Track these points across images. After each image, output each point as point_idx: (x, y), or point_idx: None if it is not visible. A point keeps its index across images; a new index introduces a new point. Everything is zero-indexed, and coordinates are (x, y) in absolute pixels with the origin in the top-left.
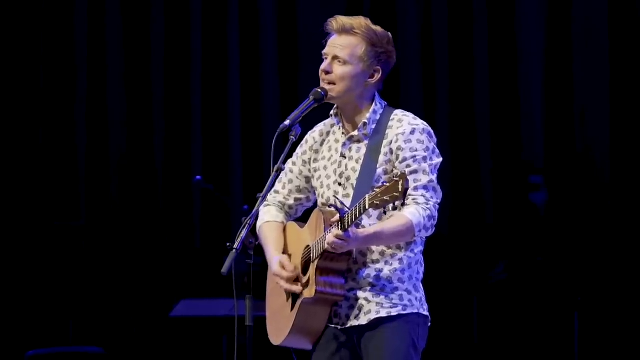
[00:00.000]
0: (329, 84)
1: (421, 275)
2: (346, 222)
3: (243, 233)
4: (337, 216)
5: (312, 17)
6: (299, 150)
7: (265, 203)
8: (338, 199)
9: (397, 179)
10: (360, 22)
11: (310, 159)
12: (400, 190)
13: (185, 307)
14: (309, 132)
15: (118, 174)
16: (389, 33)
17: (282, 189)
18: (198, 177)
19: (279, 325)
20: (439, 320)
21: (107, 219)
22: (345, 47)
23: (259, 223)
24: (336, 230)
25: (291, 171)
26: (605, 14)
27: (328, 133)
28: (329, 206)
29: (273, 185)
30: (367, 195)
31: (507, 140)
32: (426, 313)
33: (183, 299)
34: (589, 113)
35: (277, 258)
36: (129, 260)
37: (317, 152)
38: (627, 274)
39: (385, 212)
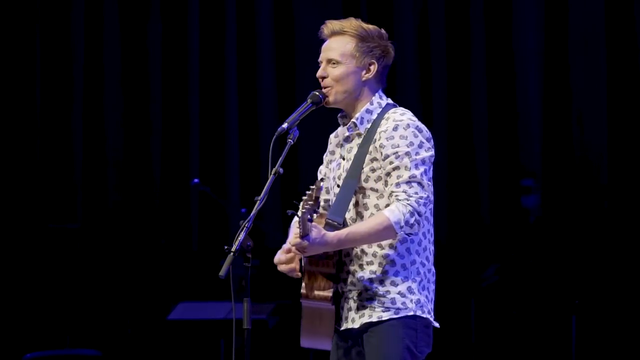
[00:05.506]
0: (327, 88)
1: (421, 277)
2: (301, 227)
3: (241, 236)
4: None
5: (309, 19)
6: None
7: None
8: (296, 204)
9: (313, 186)
10: (350, 22)
11: (329, 161)
12: (313, 197)
13: (183, 310)
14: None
15: (115, 177)
16: (382, 29)
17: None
18: (196, 180)
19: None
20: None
21: (105, 222)
22: (335, 48)
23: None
24: (292, 236)
25: (320, 172)
26: (602, 18)
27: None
28: (288, 211)
29: (270, 188)
30: (301, 203)
31: (505, 144)
32: (425, 315)
33: (181, 302)
34: (586, 117)
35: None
36: (127, 263)
37: (332, 153)
38: (625, 277)
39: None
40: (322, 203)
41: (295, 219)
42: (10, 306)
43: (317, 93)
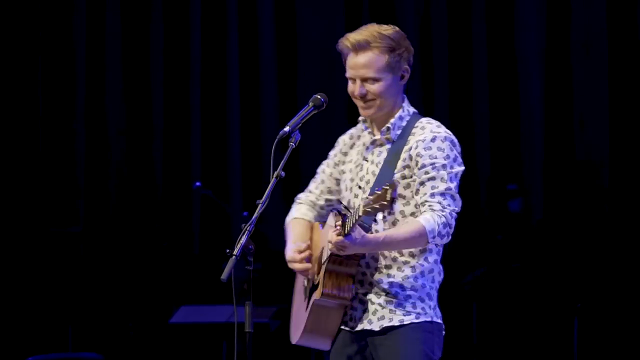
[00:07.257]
0: (368, 101)
1: (437, 284)
2: (346, 226)
3: (243, 239)
4: (340, 220)
5: (311, 22)
6: (331, 152)
7: (298, 201)
8: (342, 203)
9: (387, 187)
10: (371, 33)
11: (340, 161)
12: (388, 199)
13: (185, 313)
14: (342, 135)
15: (117, 180)
16: (397, 28)
17: (315, 189)
18: (198, 183)
19: (297, 325)
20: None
21: (106, 225)
22: (369, 66)
23: (287, 218)
24: (333, 234)
25: (324, 172)
26: (604, 19)
27: (359, 137)
28: (333, 210)
29: (272, 191)
30: (361, 202)
31: (507, 145)
32: (440, 321)
33: (183, 305)
34: (588, 119)
35: (293, 245)
36: (129, 266)
37: (345, 154)
38: (627, 280)
39: (383, 218)
40: (344, 202)
41: (330, 219)
42: (13, 309)
43: (319, 96)
